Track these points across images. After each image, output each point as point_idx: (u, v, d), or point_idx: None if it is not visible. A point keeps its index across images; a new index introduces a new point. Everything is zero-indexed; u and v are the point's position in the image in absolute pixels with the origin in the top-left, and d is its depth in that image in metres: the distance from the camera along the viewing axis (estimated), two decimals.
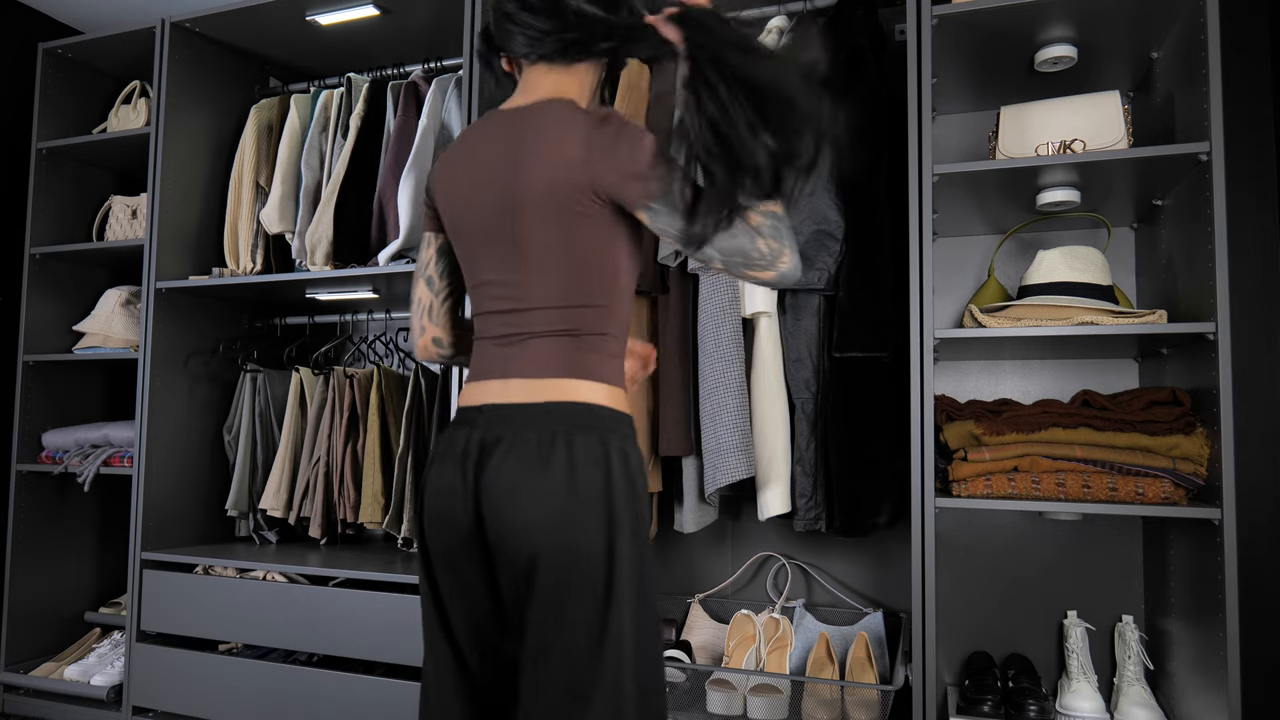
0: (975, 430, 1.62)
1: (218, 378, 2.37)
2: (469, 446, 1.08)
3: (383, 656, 1.84)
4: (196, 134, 2.28)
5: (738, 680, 1.78)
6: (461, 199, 1.13)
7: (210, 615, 2.01)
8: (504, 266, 1.10)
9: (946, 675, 1.94)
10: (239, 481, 2.27)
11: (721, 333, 1.72)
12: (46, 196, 2.41)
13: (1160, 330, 1.48)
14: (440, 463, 1.11)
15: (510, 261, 1.10)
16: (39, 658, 2.36)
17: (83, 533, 2.52)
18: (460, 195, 1.14)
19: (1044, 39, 1.68)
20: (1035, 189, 1.70)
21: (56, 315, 2.43)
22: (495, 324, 1.12)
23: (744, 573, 2.09)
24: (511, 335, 1.10)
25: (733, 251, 1.03)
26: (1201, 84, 1.48)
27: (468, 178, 1.13)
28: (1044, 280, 1.62)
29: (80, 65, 2.49)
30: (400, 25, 2.16)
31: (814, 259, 1.70)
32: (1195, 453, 1.49)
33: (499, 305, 1.11)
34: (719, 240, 1.02)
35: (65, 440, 2.33)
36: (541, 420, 1.05)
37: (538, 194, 1.06)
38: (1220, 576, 1.40)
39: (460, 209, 1.14)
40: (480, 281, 1.14)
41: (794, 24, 1.81)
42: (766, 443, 1.72)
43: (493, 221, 1.10)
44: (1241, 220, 1.84)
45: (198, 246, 2.29)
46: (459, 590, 1.10)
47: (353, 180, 2.10)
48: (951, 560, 1.94)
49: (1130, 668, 1.71)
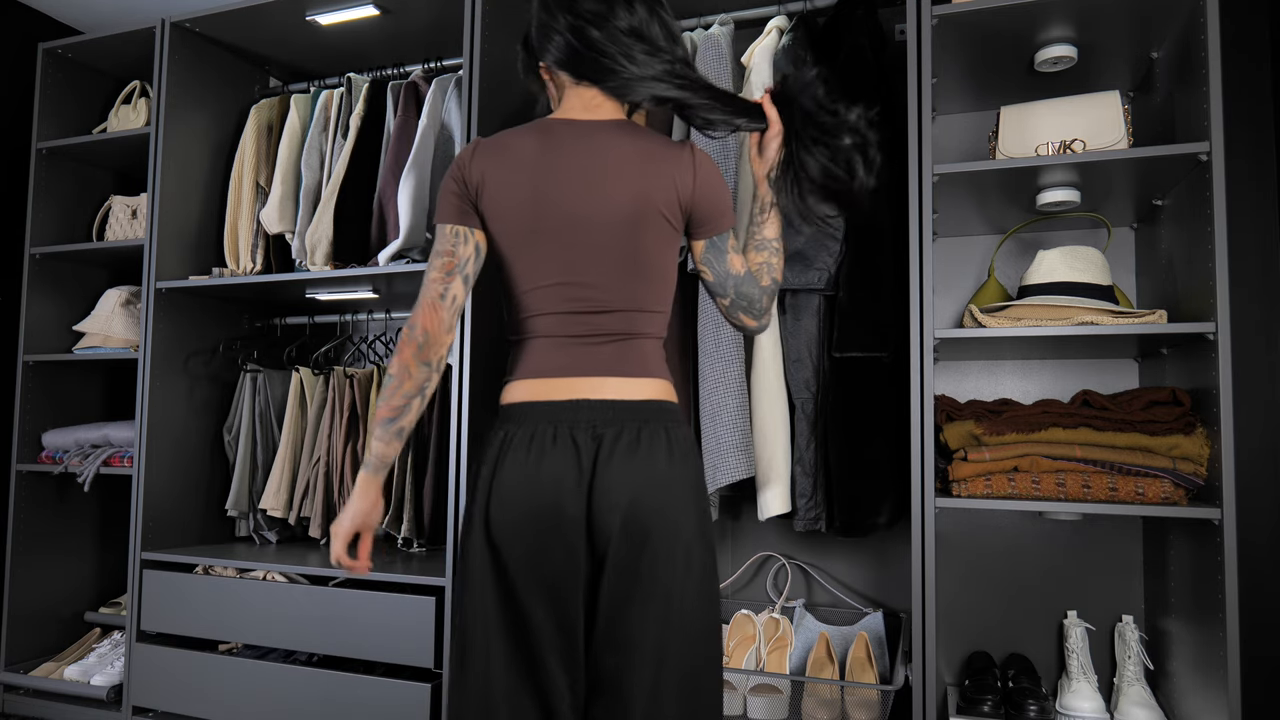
0: (975, 430, 1.62)
1: (218, 378, 2.36)
2: (577, 438, 1.13)
3: (383, 657, 1.84)
4: (196, 134, 2.28)
5: (738, 680, 1.78)
6: (546, 204, 1.17)
7: (210, 615, 2.01)
8: (592, 270, 1.17)
9: (946, 675, 1.94)
10: (239, 481, 2.27)
11: (721, 332, 1.72)
12: (46, 196, 2.41)
13: (1160, 330, 1.48)
14: (528, 455, 1.13)
15: (603, 266, 1.16)
16: (39, 658, 2.36)
17: (83, 533, 2.51)
18: (545, 200, 1.17)
19: (1044, 39, 1.68)
20: (1035, 189, 1.70)
21: (56, 315, 2.43)
22: (572, 324, 1.17)
23: (744, 573, 2.09)
24: (594, 335, 1.18)
25: (745, 295, 1.26)
26: (1201, 84, 1.48)
27: (555, 183, 1.17)
28: (1044, 280, 1.62)
29: (80, 65, 2.49)
30: (400, 25, 2.16)
31: (814, 259, 1.70)
32: (1195, 453, 1.49)
33: (577, 306, 1.17)
34: (743, 284, 1.25)
35: (65, 440, 2.33)
36: (647, 414, 1.16)
37: (655, 209, 1.17)
38: (1220, 576, 1.40)
39: (544, 213, 1.17)
40: (551, 283, 1.17)
41: (794, 24, 1.81)
42: (766, 443, 1.72)
43: (597, 229, 1.16)
44: (1241, 220, 1.84)
45: (198, 246, 2.29)
46: (544, 582, 1.12)
47: (353, 180, 2.10)
48: (951, 560, 1.93)
49: (1130, 668, 1.70)
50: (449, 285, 1.19)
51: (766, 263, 1.29)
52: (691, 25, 1.89)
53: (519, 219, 1.17)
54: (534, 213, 1.17)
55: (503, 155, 1.19)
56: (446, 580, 1.80)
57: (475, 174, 1.19)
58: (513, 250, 1.19)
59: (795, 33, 1.79)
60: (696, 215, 1.21)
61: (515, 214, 1.17)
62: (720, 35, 1.79)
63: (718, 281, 1.26)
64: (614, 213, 1.16)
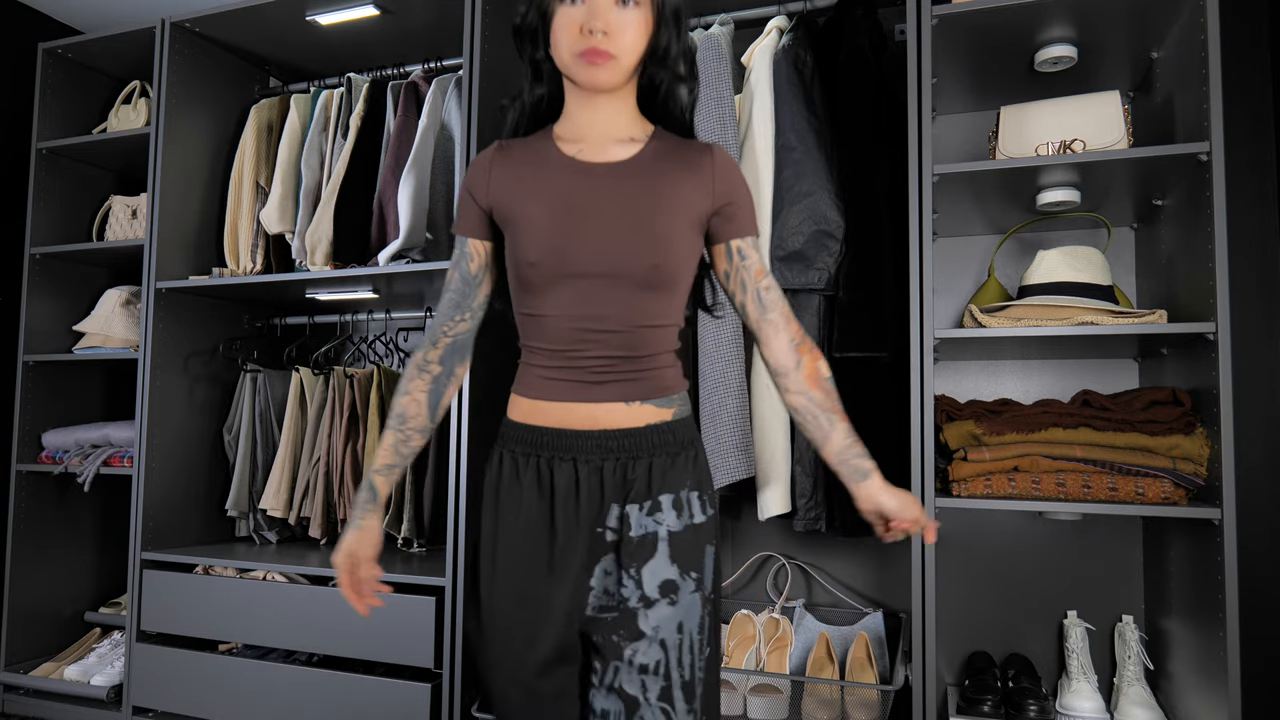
0: (975, 430, 1.62)
1: (218, 378, 2.36)
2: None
3: (383, 657, 1.83)
4: (196, 134, 2.28)
5: (737, 680, 1.78)
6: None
7: (210, 615, 2.01)
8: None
9: (946, 675, 1.93)
10: (239, 481, 2.27)
11: (721, 332, 1.72)
12: (46, 196, 2.40)
13: (1160, 330, 1.48)
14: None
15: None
16: (39, 658, 2.35)
17: (83, 533, 2.51)
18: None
19: (1044, 39, 1.68)
20: (1035, 189, 1.70)
21: (56, 315, 2.42)
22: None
23: (744, 573, 2.08)
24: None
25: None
26: (1201, 84, 1.48)
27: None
28: (1044, 280, 1.62)
29: (80, 65, 2.48)
30: (400, 25, 2.16)
31: (813, 259, 1.70)
32: (1195, 453, 1.49)
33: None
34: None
35: (65, 440, 2.33)
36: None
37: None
38: (1220, 576, 1.40)
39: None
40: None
41: (794, 24, 1.81)
42: (767, 443, 1.71)
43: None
44: (1241, 220, 1.83)
45: (198, 246, 2.28)
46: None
47: (353, 180, 2.10)
48: (951, 560, 1.93)
49: (1130, 668, 1.70)
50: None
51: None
52: (691, 25, 1.88)
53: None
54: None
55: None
56: (446, 580, 1.80)
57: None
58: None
59: (795, 33, 1.78)
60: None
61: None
62: (720, 35, 1.78)
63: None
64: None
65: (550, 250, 1.07)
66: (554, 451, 1.09)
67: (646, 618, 1.05)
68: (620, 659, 1.05)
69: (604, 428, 1.08)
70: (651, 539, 1.06)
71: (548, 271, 1.07)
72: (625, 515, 1.07)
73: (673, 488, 1.08)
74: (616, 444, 1.08)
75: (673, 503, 1.08)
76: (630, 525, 1.07)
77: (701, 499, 1.11)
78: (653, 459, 1.08)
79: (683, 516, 1.08)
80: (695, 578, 1.07)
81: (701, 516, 1.10)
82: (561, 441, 1.08)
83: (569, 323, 1.08)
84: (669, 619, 1.05)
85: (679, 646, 1.06)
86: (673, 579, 1.06)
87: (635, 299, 1.07)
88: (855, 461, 1.13)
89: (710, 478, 1.15)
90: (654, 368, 1.10)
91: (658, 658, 1.05)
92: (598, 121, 1.11)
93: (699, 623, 1.07)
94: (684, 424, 1.13)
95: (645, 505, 1.07)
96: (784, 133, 1.73)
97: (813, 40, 1.78)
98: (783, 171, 1.72)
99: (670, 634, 1.05)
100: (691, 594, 1.07)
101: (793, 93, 1.73)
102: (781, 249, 1.71)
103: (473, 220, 1.15)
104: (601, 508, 1.08)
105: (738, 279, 1.15)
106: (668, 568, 1.06)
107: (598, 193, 1.09)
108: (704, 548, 1.09)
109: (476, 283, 1.17)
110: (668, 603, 1.05)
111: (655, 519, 1.07)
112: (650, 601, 1.05)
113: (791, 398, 1.15)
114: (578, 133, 1.13)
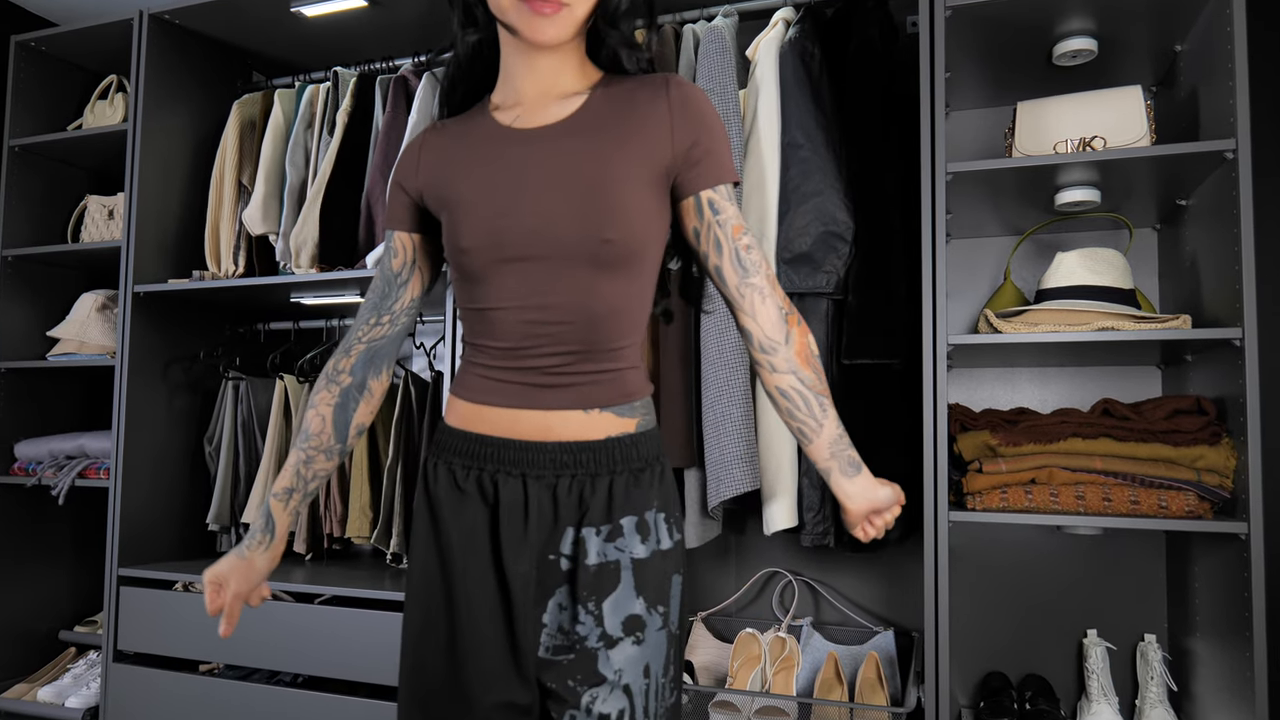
0: (991, 441, 1.61)
1: (198, 386, 2.33)
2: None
3: (370, 677, 1.81)
4: (176, 131, 2.24)
5: (742, 702, 1.76)
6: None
7: (190, 634, 1.98)
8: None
9: (961, 697, 1.92)
10: (220, 494, 2.23)
11: (725, 338, 1.68)
12: (19, 196, 2.37)
13: (1184, 336, 1.47)
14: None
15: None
16: (11, 679, 2.32)
17: (57, 548, 2.47)
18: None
19: (1062, 31, 1.66)
20: (1053, 188, 1.68)
21: (30, 320, 2.39)
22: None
23: (749, 590, 2.06)
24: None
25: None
26: (1227, 78, 1.46)
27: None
28: (1062, 284, 1.60)
29: (54, 59, 2.44)
30: (389, 17, 2.12)
31: (821, 261, 1.67)
32: (1221, 464, 1.48)
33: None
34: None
35: (39, 451, 2.29)
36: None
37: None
38: (1247, 594, 1.38)
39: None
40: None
41: (801, 16, 1.77)
42: (773, 454, 1.68)
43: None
44: (1269, 221, 1.81)
45: (177, 248, 2.25)
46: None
47: (339, 179, 2.07)
48: (966, 577, 1.91)
49: (1153, 689, 1.69)
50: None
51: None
52: (694, 17, 1.85)
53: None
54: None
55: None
56: None
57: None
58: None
59: (802, 24, 1.76)
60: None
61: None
62: (724, 27, 1.76)
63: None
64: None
65: (484, 232, 0.94)
66: (499, 465, 0.96)
67: (608, 659, 0.92)
68: (578, 708, 0.92)
69: (558, 439, 0.95)
70: (613, 568, 0.94)
71: (484, 257, 0.94)
72: (581, 540, 0.94)
73: (636, 509, 0.95)
74: (572, 458, 0.95)
75: (636, 525, 0.95)
76: (586, 552, 0.94)
77: (668, 522, 0.98)
78: (613, 476, 0.95)
79: (648, 542, 0.95)
80: (662, 613, 0.95)
81: (669, 542, 0.97)
82: (508, 454, 0.96)
83: (516, 315, 0.94)
84: (634, 661, 0.93)
85: (645, 693, 0.93)
86: (639, 614, 0.93)
87: (588, 283, 0.93)
88: (849, 453, 1.02)
89: (677, 498, 1.02)
90: (616, 368, 0.97)
91: (620, 706, 0.92)
92: (538, 80, 0.97)
93: (663, 665, 0.95)
94: (648, 437, 1.00)
95: (604, 529, 0.94)
96: (790, 129, 1.70)
97: (820, 32, 1.76)
98: (789, 170, 1.70)
99: (635, 678, 0.93)
100: (658, 631, 0.94)
101: (799, 88, 1.71)
102: (788, 251, 1.68)
103: (399, 210, 1.04)
104: (554, 531, 0.95)
105: (710, 237, 0.97)
106: (633, 601, 0.93)
107: (534, 160, 0.95)
108: (671, 578, 0.97)
109: (400, 282, 1.05)
110: (632, 641, 0.93)
111: (617, 545, 0.94)
112: (613, 641, 0.93)
113: (778, 378, 0.99)
114: (516, 96, 0.99)
